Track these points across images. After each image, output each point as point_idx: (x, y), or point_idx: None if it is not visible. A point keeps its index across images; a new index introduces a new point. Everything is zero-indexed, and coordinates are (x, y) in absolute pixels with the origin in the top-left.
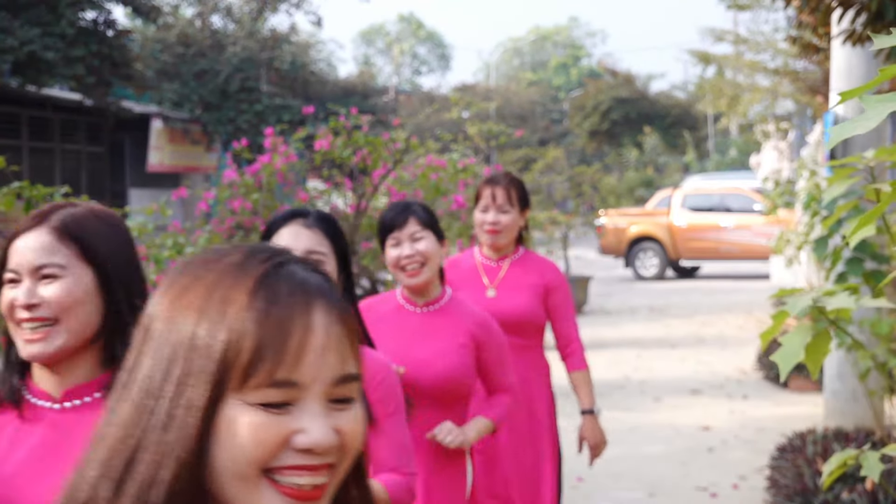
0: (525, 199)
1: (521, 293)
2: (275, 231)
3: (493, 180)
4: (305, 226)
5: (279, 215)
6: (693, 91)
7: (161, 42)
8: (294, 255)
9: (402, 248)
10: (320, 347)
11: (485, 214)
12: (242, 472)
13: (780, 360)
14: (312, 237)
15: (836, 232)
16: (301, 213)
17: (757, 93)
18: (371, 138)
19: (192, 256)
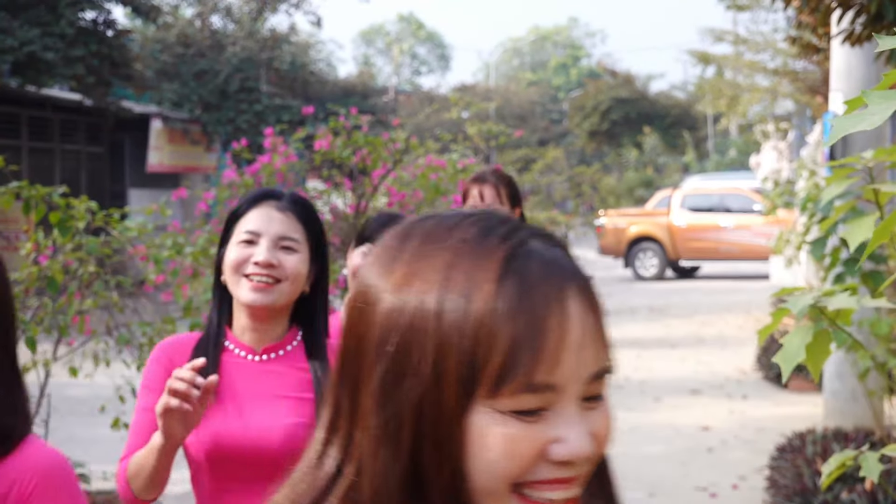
0: (516, 197)
1: None
2: (243, 213)
3: (480, 178)
4: (278, 209)
5: (248, 195)
6: (693, 91)
7: (161, 42)
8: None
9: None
10: (578, 341)
11: None
12: (493, 489)
13: (782, 361)
14: (285, 221)
15: (833, 232)
16: (273, 195)
17: (756, 93)
18: (371, 138)
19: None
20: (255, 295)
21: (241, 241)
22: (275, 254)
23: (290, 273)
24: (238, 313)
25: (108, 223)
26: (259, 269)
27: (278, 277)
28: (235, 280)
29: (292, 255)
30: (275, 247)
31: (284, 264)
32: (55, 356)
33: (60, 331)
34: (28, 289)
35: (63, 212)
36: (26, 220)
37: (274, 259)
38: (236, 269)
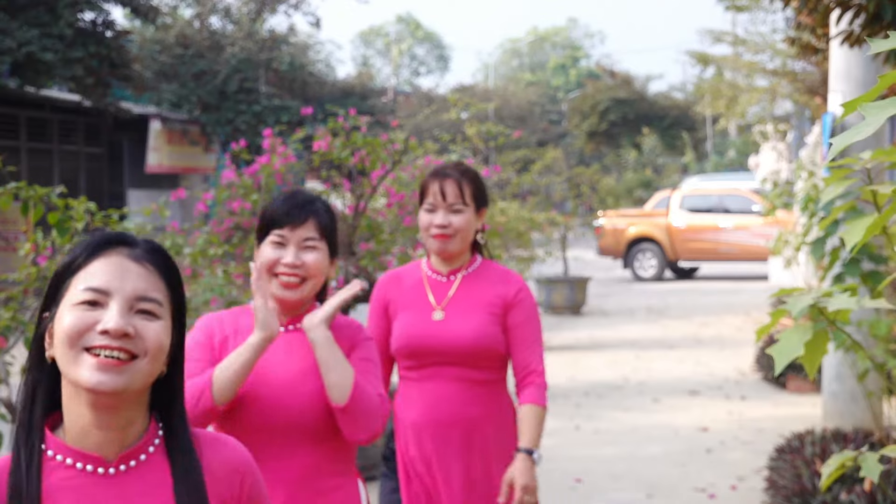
0: (482, 196)
1: (475, 315)
2: (82, 263)
3: (440, 173)
4: (132, 258)
5: (89, 240)
6: (691, 92)
7: (160, 43)
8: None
9: (285, 253)
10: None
11: (431, 215)
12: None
13: (777, 355)
14: (143, 276)
15: (832, 233)
16: (124, 240)
17: (755, 94)
18: (370, 139)
19: None
20: (101, 375)
21: (80, 301)
22: (130, 320)
23: (151, 346)
24: (73, 403)
25: (106, 224)
26: (109, 341)
27: (134, 352)
28: (73, 356)
29: (153, 322)
30: (130, 310)
31: (143, 334)
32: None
33: None
34: (27, 289)
35: (62, 212)
36: (25, 221)
37: (129, 327)
38: (75, 341)
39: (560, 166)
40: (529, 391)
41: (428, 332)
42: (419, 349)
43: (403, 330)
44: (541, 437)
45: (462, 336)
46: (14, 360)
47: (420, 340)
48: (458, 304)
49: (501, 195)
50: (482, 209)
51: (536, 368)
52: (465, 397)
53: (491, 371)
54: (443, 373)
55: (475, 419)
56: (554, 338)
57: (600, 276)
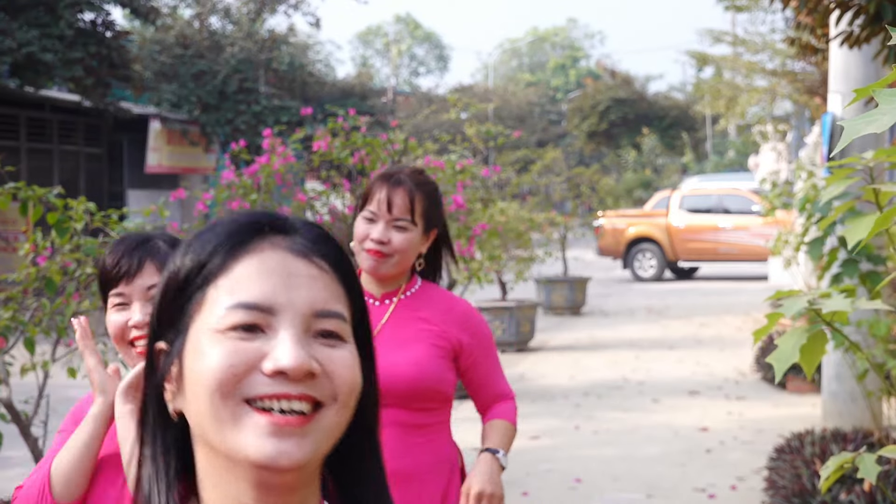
0: (435, 216)
1: (415, 347)
2: (227, 259)
3: (391, 178)
4: (296, 252)
5: (228, 226)
6: (691, 92)
7: (159, 43)
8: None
9: (131, 313)
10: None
11: (370, 225)
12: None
13: (776, 362)
14: (319, 280)
15: (831, 233)
16: (279, 226)
17: (755, 94)
18: (369, 139)
19: None
20: (280, 443)
21: (228, 327)
22: (310, 350)
23: (342, 387)
24: (222, 481)
25: (106, 224)
26: (286, 387)
27: (319, 399)
28: (227, 413)
29: (340, 349)
30: (307, 335)
31: (330, 369)
32: (54, 357)
33: (59, 332)
34: (26, 290)
35: (61, 213)
36: (24, 221)
37: (313, 362)
38: (230, 390)
39: (560, 166)
40: (502, 408)
41: None
42: None
43: None
44: (509, 448)
45: (398, 373)
46: (14, 360)
47: None
48: (393, 334)
49: (501, 195)
50: (431, 231)
51: (508, 393)
52: (399, 446)
53: (431, 413)
54: None
55: (412, 473)
56: (554, 338)
57: (600, 277)
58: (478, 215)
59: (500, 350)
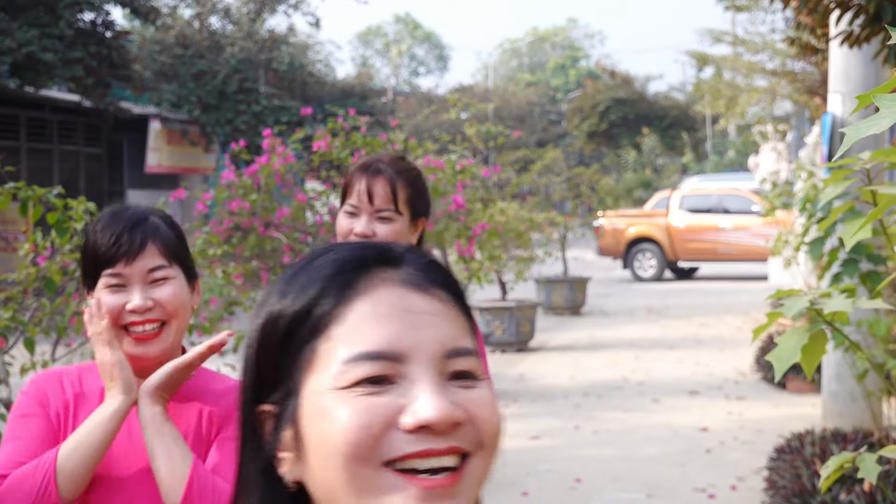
0: (421, 203)
1: None
2: (337, 304)
3: (370, 168)
4: (413, 286)
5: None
6: (691, 92)
7: (159, 43)
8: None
9: (129, 296)
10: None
11: (352, 220)
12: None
13: (776, 361)
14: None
15: (831, 233)
16: (386, 257)
17: (755, 94)
18: (369, 139)
19: None
20: None
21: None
22: (452, 397)
23: (488, 432)
24: None
25: None
26: (433, 443)
27: (467, 450)
28: (365, 480)
29: (477, 390)
30: (442, 379)
31: (475, 414)
32: (54, 357)
33: (59, 332)
34: (26, 290)
35: (61, 213)
36: (24, 221)
37: (458, 411)
38: (369, 454)
39: (559, 166)
40: None
41: None
42: None
43: None
44: None
45: None
46: (14, 360)
47: None
48: None
49: (501, 195)
50: (420, 219)
51: None
52: None
53: None
54: None
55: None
56: (554, 338)
57: (600, 277)
58: (478, 215)
59: (501, 350)
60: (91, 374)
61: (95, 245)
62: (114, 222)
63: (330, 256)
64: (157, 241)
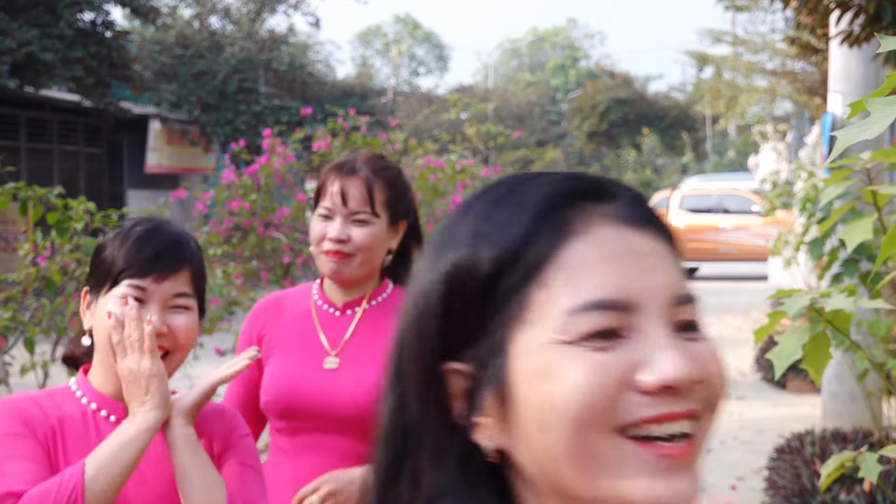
0: (400, 205)
1: (376, 369)
2: (554, 240)
3: (344, 168)
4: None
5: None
6: (691, 92)
7: (159, 43)
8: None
9: (146, 312)
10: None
11: (326, 223)
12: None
13: (776, 359)
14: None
15: (831, 233)
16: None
17: (755, 94)
18: (369, 139)
19: None
20: (674, 482)
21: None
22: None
23: None
24: None
25: (106, 224)
26: (675, 404)
27: None
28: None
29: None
30: (672, 330)
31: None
32: (53, 357)
33: (59, 332)
34: (26, 290)
35: (61, 213)
36: (25, 221)
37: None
38: (605, 418)
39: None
40: None
41: (314, 384)
42: (298, 408)
43: (280, 379)
44: None
45: (357, 395)
46: (14, 360)
47: (301, 395)
48: (358, 350)
49: None
50: (399, 223)
51: None
52: None
53: None
54: (327, 444)
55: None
56: None
57: None
58: None
59: None
60: (63, 396)
61: (129, 251)
62: (157, 235)
63: (533, 189)
64: (191, 268)
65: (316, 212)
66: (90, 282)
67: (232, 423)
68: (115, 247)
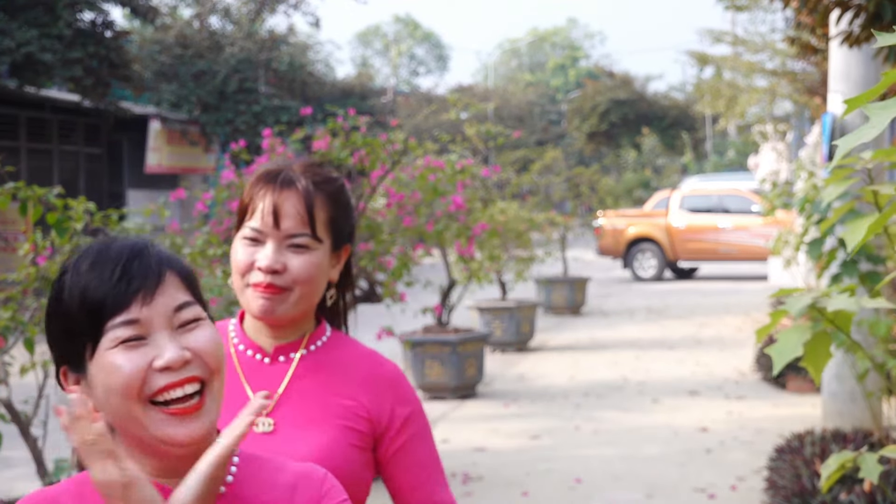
0: (346, 225)
1: (318, 430)
2: None
3: (276, 176)
4: None
5: None
6: (691, 92)
7: (159, 43)
8: None
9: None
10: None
11: (254, 248)
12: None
13: (775, 355)
14: None
15: (831, 233)
16: None
17: (755, 94)
18: (369, 139)
19: None
20: None
21: None
22: None
23: None
24: None
25: (106, 224)
26: None
27: None
28: None
29: None
30: None
31: None
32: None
33: None
34: (26, 289)
35: (61, 213)
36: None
37: None
38: None
39: (559, 166)
40: None
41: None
42: None
43: None
44: None
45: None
46: (14, 360)
47: None
48: (296, 407)
49: (501, 195)
50: (344, 247)
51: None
52: None
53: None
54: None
55: None
56: (554, 338)
57: (600, 277)
58: (478, 215)
59: (500, 350)
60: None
61: (95, 285)
62: (110, 253)
63: None
64: (176, 272)
65: (240, 233)
66: (61, 358)
67: (320, 490)
68: (73, 295)
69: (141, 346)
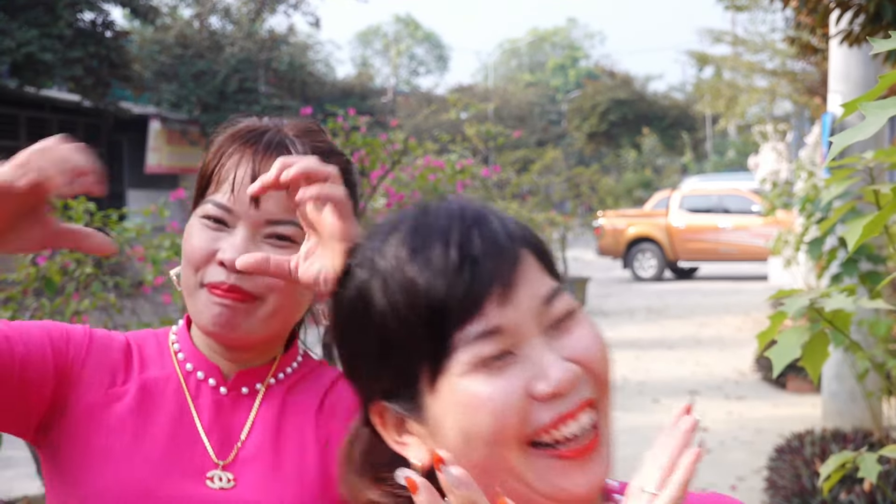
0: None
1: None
2: None
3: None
4: None
5: None
6: (691, 92)
7: (159, 43)
8: None
9: (533, 370)
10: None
11: (217, 234)
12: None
13: (775, 357)
14: None
15: (831, 233)
16: None
17: (755, 94)
18: (369, 139)
19: None
20: None
21: None
22: None
23: None
24: None
25: (106, 224)
26: None
27: None
28: None
29: None
30: None
31: None
32: None
33: None
34: (26, 289)
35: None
36: None
37: None
38: None
39: (559, 166)
40: None
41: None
42: None
43: (131, 499)
44: None
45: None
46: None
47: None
48: (262, 448)
49: (501, 195)
50: None
51: None
52: None
53: None
54: None
55: None
56: None
57: (600, 277)
58: None
59: None
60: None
61: (413, 291)
62: (426, 231)
63: None
64: (528, 246)
65: (198, 210)
66: (374, 391)
67: None
68: (392, 295)
69: (509, 366)
